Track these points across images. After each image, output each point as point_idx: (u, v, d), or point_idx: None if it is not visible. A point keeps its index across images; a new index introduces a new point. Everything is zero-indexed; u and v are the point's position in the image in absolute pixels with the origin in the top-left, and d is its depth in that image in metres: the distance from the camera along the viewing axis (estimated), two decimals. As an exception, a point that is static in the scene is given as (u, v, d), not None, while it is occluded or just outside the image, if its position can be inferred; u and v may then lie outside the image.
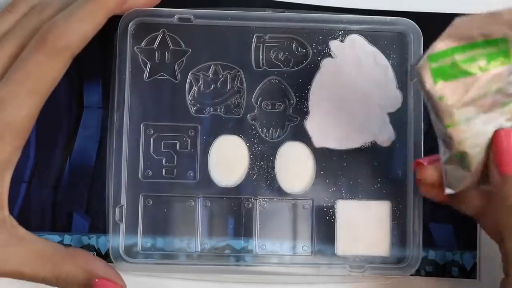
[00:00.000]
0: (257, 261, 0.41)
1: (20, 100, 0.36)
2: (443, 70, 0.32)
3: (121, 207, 0.41)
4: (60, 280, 0.38)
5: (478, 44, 0.32)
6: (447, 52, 0.32)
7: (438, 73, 0.32)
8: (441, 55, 0.32)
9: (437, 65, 0.32)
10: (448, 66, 0.32)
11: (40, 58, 0.36)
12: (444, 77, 0.32)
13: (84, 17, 0.37)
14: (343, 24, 0.42)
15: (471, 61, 0.32)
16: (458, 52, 0.32)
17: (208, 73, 0.42)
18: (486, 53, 0.32)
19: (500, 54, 0.32)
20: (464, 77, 0.32)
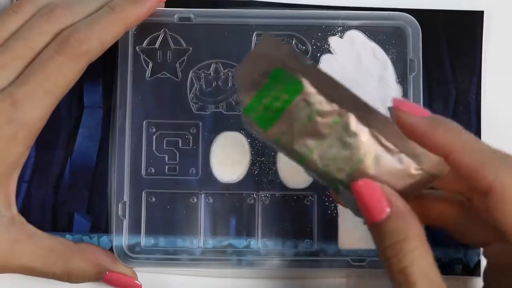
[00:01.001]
0: (259, 257, 0.42)
1: (36, 100, 0.37)
2: (263, 117, 0.33)
3: (124, 203, 0.41)
4: (71, 275, 0.39)
5: (269, 84, 0.32)
6: (255, 102, 0.33)
7: (262, 121, 0.33)
8: (253, 106, 0.33)
9: (256, 115, 0.33)
10: (264, 111, 0.32)
11: (60, 60, 0.37)
12: (268, 122, 0.33)
13: (105, 27, 0.38)
14: (342, 20, 0.43)
15: (277, 99, 0.32)
16: (263, 97, 0.33)
17: (209, 71, 0.43)
18: (281, 86, 0.32)
19: (288, 82, 0.32)
20: (282, 115, 0.32)
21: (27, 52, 0.38)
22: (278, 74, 0.32)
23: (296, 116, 0.32)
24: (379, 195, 0.31)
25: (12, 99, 0.37)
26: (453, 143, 0.30)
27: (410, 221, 0.30)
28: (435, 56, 0.44)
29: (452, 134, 0.30)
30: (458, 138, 0.30)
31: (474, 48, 0.44)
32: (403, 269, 0.29)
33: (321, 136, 0.32)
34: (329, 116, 0.32)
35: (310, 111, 0.32)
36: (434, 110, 0.43)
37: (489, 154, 0.30)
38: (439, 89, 0.44)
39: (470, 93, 0.44)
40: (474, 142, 0.30)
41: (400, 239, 0.30)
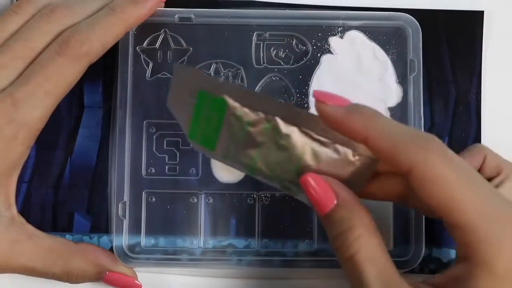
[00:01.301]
0: (259, 257, 0.42)
1: (36, 101, 0.37)
2: (206, 138, 0.36)
3: (124, 203, 0.41)
4: (71, 275, 0.39)
5: (198, 107, 0.35)
6: (193, 127, 0.36)
7: (206, 142, 0.36)
8: (194, 131, 0.36)
9: (200, 138, 0.36)
10: (204, 133, 0.36)
11: (61, 61, 0.37)
12: (211, 141, 0.36)
13: (106, 28, 0.38)
14: (342, 20, 0.43)
15: (210, 119, 0.35)
16: (198, 121, 0.36)
17: (209, 71, 0.43)
18: (208, 107, 0.35)
19: (213, 102, 0.34)
20: (220, 132, 0.35)
21: (27, 52, 0.38)
22: (203, 97, 0.35)
23: (231, 131, 0.34)
24: (324, 187, 0.31)
25: (12, 99, 0.37)
26: (368, 129, 0.30)
27: (356, 211, 0.31)
28: (435, 56, 0.44)
29: (367, 120, 0.30)
30: (373, 124, 0.30)
31: (474, 48, 0.44)
32: (351, 257, 0.30)
33: (259, 144, 0.33)
34: (259, 124, 0.33)
35: (241, 124, 0.34)
36: (434, 110, 0.43)
37: (404, 137, 0.30)
38: (439, 89, 0.44)
39: (470, 93, 0.44)
40: (389, 127, 0.30)
41: (347, 228, 0.30)
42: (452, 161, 0.29)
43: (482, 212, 0.28)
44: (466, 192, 0.28)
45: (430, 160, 0.29)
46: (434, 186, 0.28)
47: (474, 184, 0.29)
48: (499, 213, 0.28)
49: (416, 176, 0.29)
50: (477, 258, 0.28)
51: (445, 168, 0.28)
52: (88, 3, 0.40)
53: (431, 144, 0.29)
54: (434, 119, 0.44)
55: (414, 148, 0.29)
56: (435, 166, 0.28)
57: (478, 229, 0.28)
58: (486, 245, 0.28)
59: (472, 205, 0.28)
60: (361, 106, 0.31)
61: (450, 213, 0.28)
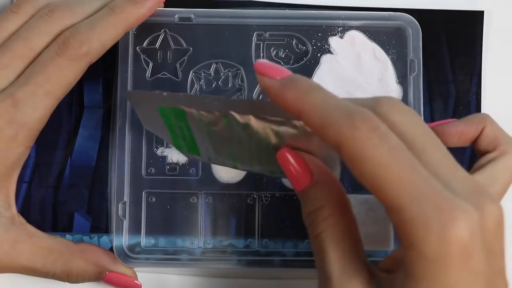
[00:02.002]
0: (259, 257, 0.42)
1: (36, 101, 0.37)
2: (190, 146, 0.37)
3: (124, 203, 0.41)
4: (71, 275, 0.39)
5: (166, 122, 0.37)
6: (174, 139, 0.38)
7: (192, 149, 0.37)
8: (177, 143, 0.38)
9: (185, 147, 0.37)
10: (185, 142, 0.37)
11: (61, 62, 0.37)
12: (195, 148, 0.37)
13: (106, 28, 0.38)
14: (342, 20, 0.43)
15: (181, 129, 0.36)
16: (174, 133, 0.37)
17: (209, 72, 0.43)
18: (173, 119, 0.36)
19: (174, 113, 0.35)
20: (195, 138, 0.36)
21: (27, 52, 0.38)
22: (164, 112, 0.35)
23: (201, 134, 0.35)
24: (300, 163, 0.31)
25: (12, 100, 0.37)
26: (301, 104, 0.29)
27: (329, 190, 0.30)
28: (435, 56, 0.44)
29: (300, 94, 0.29)
30: (305, 98, 0.29)
31: (474, 48, 0.44)
32: (317, 235, 0.30)
33: (229, 140, 0.34)
34: (219, 122, 0.33)
35: (204, 126, 0.34)
36: (434, 110, 0.43)
37: (335, 112, 0.28)
38: (439, 89, 0.44)
39: (470, 93, 0.44)
40: (322, 101, 0.28)
41: (318, 206, 0.30)
42: (382, 137, 0.27)
43: (410, 192, 0.26)
44: (394, 172, 0.26)
45: (356, 138, 0.27)
46: (361, 165, 0.27)
47: (404, 164, 0.26)
48: (429, 195, 0.26)
49: (344, 154, 0.27)
50: (406, 240, 0.26)
51: (372, 146, 0.27)
52: (88, 3, 0.40)
53: (360, 120, 0.27)
54: (434, 119, 0.44)
55: (342, 124, 0.27)
56: (362, 144, 0.27)
57: (406, 210, 0.26)
58: (413, 227, 0.26)
59: (401, 185, 0.26)
60: (297, 78, 0.30)
61: (379, 193, 0.27)
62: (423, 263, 0.26)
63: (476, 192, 0.27)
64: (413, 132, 0.28)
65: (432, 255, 0.25)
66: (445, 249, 0.25)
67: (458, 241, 0.25)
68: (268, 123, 0.32)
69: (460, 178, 0.28)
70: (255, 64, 0.31)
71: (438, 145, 0.29)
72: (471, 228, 0.25)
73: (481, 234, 0.26)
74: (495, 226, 0.27)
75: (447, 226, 0.25)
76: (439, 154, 0.28)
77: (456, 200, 0.26)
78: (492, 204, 0.27)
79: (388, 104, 0.29)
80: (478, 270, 0.26)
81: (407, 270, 0.26)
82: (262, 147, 0.33)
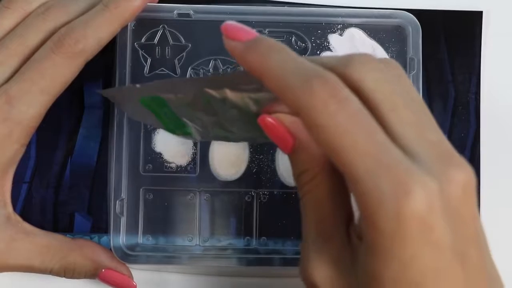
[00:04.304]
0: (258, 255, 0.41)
1: (31, 98, 0.37)
2: (182, 129, 0.37)
3: (121, 200, 0.41)
4: (68, 271, 0.39)
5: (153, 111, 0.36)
6: (168, 126, 0.37)
7: (187, 132, 0.37)
8: (170, 129, 0.38)
9: (180, 132, 0.37)
10: (179, 126, 0.36)
11: (56, 59, 0.37)
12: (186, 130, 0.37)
13: (101, 25, 0.38)
14: (342, 18, 0.43)
15: (168, 114, 0.36)
16: (164, 119, 0.37)
17: (208, 68, 0.43)
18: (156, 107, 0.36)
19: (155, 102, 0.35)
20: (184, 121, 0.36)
21: (22, 49, 0.38)
22: (145, 102, 0.36)
23: (186, 116, 0.35)
24: (280, 129, 0.30)
25: (7, 97, 0.37)
26: (261, 66, 0.28)
27: (313, 152, 0.29)
28: (434, 56, 0.44)
29: (262, 56, 0.28)
30: (267, 61, 0.28)
31: (473, 48, 0.44)
32: (301, 198, 0.29)
33: (213, 114, 0.33)
34: (197, 101, 0.33)
35: (185, 107, 0.34)
36: (433, 110, 0.43)
37: (294, 77, 0.27)
38: (438, 89, 0.44)
39: (470, 93, 0.44)
40: (284, 64, 0.27)
41: (304, 169, 0.29)
42: (340, 103, 0.26)
43: (366, 163, 0.25)
44: (351, 140, 0.25)
45: (313, 104, 0.26)
46: (318, 133, 0.26)
47: (362, 131, 0.25)
48: (385, 165, 0.25)
49: (302, 121, 0.27)
50: (362, 212, 0.25)
51: (329, 114, 0.25)
52: (82, 1, 0.40)
53: (318, 85, 0.26)
54: (433, 118, 0.44)
55: (299, 90, 0.26)
56: (318, 111, 0.26)
57: (361, 181, 0.25)
58: (368, 200, 0.25)
59: (357, 154, 0.25)
60: (260, 39, 0.29)
61: (336, 162, 0.26)
62: (380, 237, 0.25)
63: (442, 158, 0.26)
64: (383, 91, 0.27)
65: (387, 230, 0.25)
66: (401, 224, 0.24)
67: (414, 215, 0.24)
68: (245, 92, 0.31)
69: (428, 142, 0.26)
70: (222, 26, 0.30)
71: (411, 103, 0.27)
72: (429, 200, 0.24)
73: (443, 204, 0.25)
74: (462, 192, 0.26)
75: (401, 200, 0.24)
76: (410, 114, 0.27)
77: (413, 170, 0.25)
78: (458, 169, 0.26)
79: (360, 62, 0.28)
80: (442, 242, 0.25)
81: (367, 243, 0.26)
82: (246, 116, 0.32)
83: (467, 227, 0.26)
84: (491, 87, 0.44)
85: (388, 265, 0.25)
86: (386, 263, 0.25)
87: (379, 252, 0.25)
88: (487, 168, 0.44)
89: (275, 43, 0.29)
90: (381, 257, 0.25)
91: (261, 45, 0.28)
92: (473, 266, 0.26)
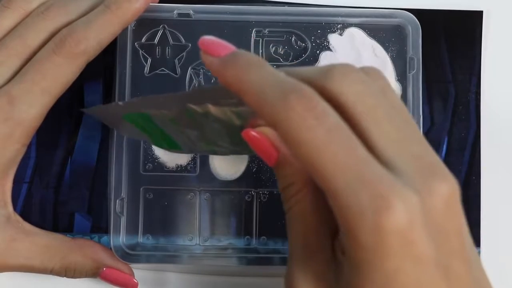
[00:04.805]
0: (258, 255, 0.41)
1: (33, 98, 0.37)
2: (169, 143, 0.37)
3: (122, 199, 0.41)
4: (69, 270, 0.39)
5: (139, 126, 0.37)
6: (154, 140, 0.38)
7: (173, 146, 0.37)
8: (158, 143, 0.39)
9: (167, 146, 0.38)
10: (165, 140, 0.37)
11: (58, 60, 0.37)
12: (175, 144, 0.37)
13: (102, 26, 0.38)
14: (342, 17, 0.43)
15: (155, 130, 0.36)
16: (151, 135, 0.37)
17: (208, 68, 0.43)
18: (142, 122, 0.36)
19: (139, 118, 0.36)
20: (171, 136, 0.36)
21: (23, 49, 0.38)
22: (130, 118, 0.36)
23: (172, 130, 0.35)
24: (263, 143, 0.29)
25: (8, 97, 0.37)
26: (239, 82, 0.27)
27: (298, 166, 0.29)
28: (434, 56, 0.44)
29: (239, 72, 0.28)
30: (244, 76, 0.27)
31: (474, 48, 0.44)
32: (287, 211, 0.29)
33: (198, 128, 0.34)
34: (181, 116, 0.33)
35: (170, 122, 0.34)
36: (433, 109, 0.43)
37: (271, 90, 0.26)
38: (438, 89, 0.44)
39: (470, 93, 0.44)
40: (261, 78, 0.27)
41: (289, 183, 0.29)
42: (318, 118, 0.25)
43: (346, 177, 0.25)
44: (330, 155, 0.25)
45: (290, 119, 0.25)
46: (296, 148, 0.26)
47: (341, 146, 0.25)
48: (365, 180, 0.25)
49: (280, 135, 0.26)
50: (342, 226, 0.25)
51: (306, 128, 0.25)
52: (82, 1, 0.40)
53: (295, 99, 0.26)
54: (433, 119, 0.44)
55: (276, 104, 0.26)
56: (296, 126, 0.25)
57: (341, 196, 0.25)
58: (348, 214, 0.24)
59: (336, 169, 0.25)
60: (237, 54, 0.29)
61: (315, 176, 0.25)
62: (361, 251, 0.25)
63: (424, 171, 0.26)
64: (365, 104, 0.27)
65: (369, 244, 0.24)
66: (381, 239, 0.24)
67: (394, 230, 0.24)
68: (226, 106, 0.31)
69: (410, 155, 0.26)
70: (199, 42, 0.30)
71: (394, 116, 0.27)
72: (410, 214, 0.24)
73: (425, 218, 0.25)
74: (445, 205, 0.25)
75: (382, 215, 0.24)
76: (392, 127, 0.27)
77: (394, 184, 0.25)
78: (440, 182, 0.25)
79: (340, 73, 0.27)
80: (424, 256, 0.25)
81: (349, 257, 0.26)
82: (230, 129, 0.32)
83: (450, 240, 0.26)
84: (491, 86, 0.44)
85: (371, 279, 0.25)
86: (369, 277, 0.25)
87: (362, 266, 0.25)
88: (487, 168, 0.44)
89: (252, 57, 0.28)
90: (363, 271, 0.25)
91: (238, 60, 0.28)
92: (458, 279, 0.26)
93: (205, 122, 0.33)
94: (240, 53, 0.29)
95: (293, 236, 0.29)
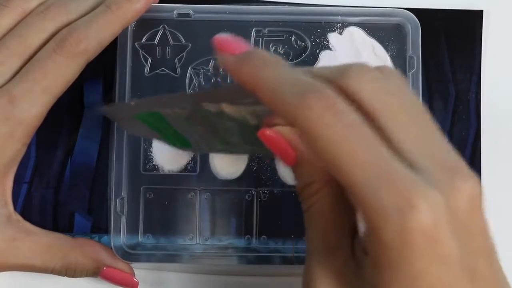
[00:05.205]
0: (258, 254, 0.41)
1: (34, 97, 0.37)
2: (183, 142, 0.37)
3: (122, 198, 0.41)
4: (69, 270, 0.39)
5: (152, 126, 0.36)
6: (169, 139, 0.38)
7: (187, 145, 0.37)
8: (172, 142, 0.38)
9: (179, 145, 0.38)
10: (179, 139, 0.37)
11: (59, 59, 0.37)
12: (185, 143, 0.37)
13: (103, 26, 0.38)
14: (341, 17, 0.43)
15: (166, 130, 0.36)
16: (165, 134, 0.37)
17: (208, 67, 0.43)
18: (154, 122, 0.36)
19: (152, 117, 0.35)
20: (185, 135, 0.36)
21: (23, 49, 0.38)
22: (142, 118, 0.36)
23: (185, 129, 0.35)
24: (280, 142, 0.29)
25: (9, 97, 0.37)
26: (255, 80, 0.27)
27: (317, 165, 0.28)
28: (434, 55, 0.44)
29: (254, 70, 0.28)
30: (260, 74, 0.27)
31: (474, 47, 0.44)
32: (306, 210, 0.29)
33: (211, 127, 0.33)
34: (195, 115, 0.33)
35: (183, 121, 0.34)
36: (434, 109, 0.43)
37: (287, 88, 0.26)
38: (439, 88, 0.44)
39: (470, 92, 0.44)
40: (276, 76, 0.27)
41: (308, 182, 0.29)
42: (336, 115, 0.25)
43: (365, 173, 0.24)
44: (348, 151, 0.25)
45: (309, 118, 0.25)
46: (316, 146, 0.25)
47: (360, 142, 0.25)
48: (386, 177, 0.24)
49: (300, 133, 0.27)
50: (366, 224, 0.25)
51: (325, 126, 0.25)
52: (82, 1, 0.40)
53: (313, 99, 0.26)
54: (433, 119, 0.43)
55: (294, 104, 0.26)
56: (315, 124, 0.25)
57: (361, 193, 0.24)
58: (371, 212, 0.24)
59: (355, 164, 0.25)
60: (252, 53, 0.29)
61: (335, 173, 0.25)
62: (386, 251, 0.24)
63: (447, 170, 0.25)
64: (382, 101, 0.26)
65: (394, 244, 0.24)
66: (407, 239, 0.24)
67: (420, 230, 0.24)
68: (242, 105, 0.31)
69: (432, 153, 0.26)
70: (213, 39, 0.30)
71: (414, 114, 0.27)
72: (435, 214, 0.24)
73: (450, 218, 0.24)
74: (469, 205, 0.25)
75: (406, 215, 0.24)
76: (413, 125, 0.26)
77: (417, 183, 0.24)
78: (464, 182, 0.25)
79: (357, 72, 0.27)
80: (450, 256, 0.24)
81: (372, 256, 0.25)
82: (245, 129, 0.32)
83: (475, 240, 0.25)
84: (491, 86, 0.44)
85: (396, 280, 0.24)
86: (393, 277, 0.24)
87: (386, 266, 0.25)
88: (487, 167, 0.44)
89: (268, 55, 0.28)
90: (388, 271, 0.24)
91: (254, 58, 0.28)
92: (483, 280, 0.25)
93: (219, 121, 0.32)
94: (255, 51, 0.29)
95: (313, 233, 0.29)
